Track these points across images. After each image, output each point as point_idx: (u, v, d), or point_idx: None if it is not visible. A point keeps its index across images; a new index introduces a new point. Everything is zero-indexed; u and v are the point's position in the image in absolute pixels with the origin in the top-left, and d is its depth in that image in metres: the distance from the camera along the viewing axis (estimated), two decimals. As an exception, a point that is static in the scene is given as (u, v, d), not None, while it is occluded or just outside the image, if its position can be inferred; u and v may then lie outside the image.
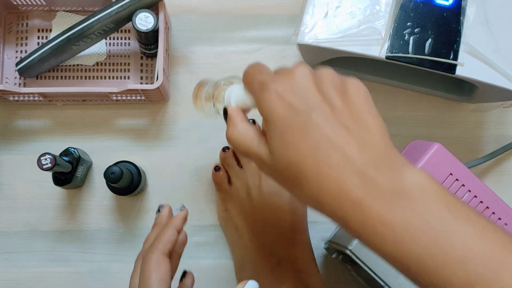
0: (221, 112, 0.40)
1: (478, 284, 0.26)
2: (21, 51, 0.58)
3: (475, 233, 0.27)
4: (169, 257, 0.40)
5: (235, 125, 0.36)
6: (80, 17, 0.58)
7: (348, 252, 0.47)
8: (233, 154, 0.54)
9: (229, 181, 0.54)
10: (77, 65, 0.58)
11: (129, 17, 0.53)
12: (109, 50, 0.59)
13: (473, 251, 0.27)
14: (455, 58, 0.46)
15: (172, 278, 0.41)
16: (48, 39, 0.56)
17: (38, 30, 0.58)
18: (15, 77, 0.58)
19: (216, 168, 0.52)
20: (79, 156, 0.53)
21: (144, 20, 0.52)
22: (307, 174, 0.30)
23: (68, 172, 0.52)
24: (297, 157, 0.30)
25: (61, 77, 0.58)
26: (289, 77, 0.33)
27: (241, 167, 0.53)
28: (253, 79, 0.35)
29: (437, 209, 0.28)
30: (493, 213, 0.47)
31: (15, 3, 0.57)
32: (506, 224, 0.47)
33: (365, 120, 0.31)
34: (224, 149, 0.53)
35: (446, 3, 0.47)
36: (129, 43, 0.59)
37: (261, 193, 0.50)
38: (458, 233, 0.27)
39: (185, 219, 0.43)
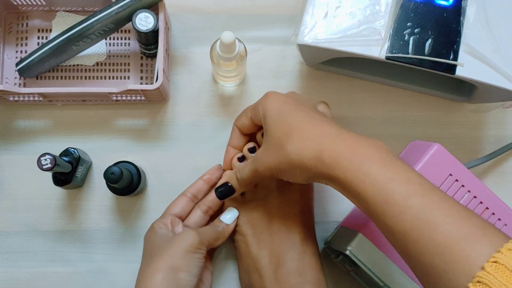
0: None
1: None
2: (21, 51, 0.58)
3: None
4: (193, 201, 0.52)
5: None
6: (80, 17, 0.58)
7: (347, 252, 0.47)
8: None
9: None
10: (77, 65, 0.58)
11: (129, 17, 0.53)
12: (109, 50, 0.59)
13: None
14: (455, 58, 0.46)
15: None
16: (48, 39, 0.56)
17: (38, 30, 0.58)
18: (15, 77, 0.58)
19: None
20: (79, 156, 0.53)
21: (144, 20, 0.52)
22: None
23: (68, 172, 0.52)
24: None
25: (61, 77, 0.58)
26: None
27: None
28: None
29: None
30: (493, 213, 0.47)
31: (15, 3, 0.57)
32: (506, 225, 0.47)
33: None
34: (240, 158, 0.52)
35: (446, 3, 0.47)
36: (129, 43, 0.59)
37: (271, 203, 0.50)
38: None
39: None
